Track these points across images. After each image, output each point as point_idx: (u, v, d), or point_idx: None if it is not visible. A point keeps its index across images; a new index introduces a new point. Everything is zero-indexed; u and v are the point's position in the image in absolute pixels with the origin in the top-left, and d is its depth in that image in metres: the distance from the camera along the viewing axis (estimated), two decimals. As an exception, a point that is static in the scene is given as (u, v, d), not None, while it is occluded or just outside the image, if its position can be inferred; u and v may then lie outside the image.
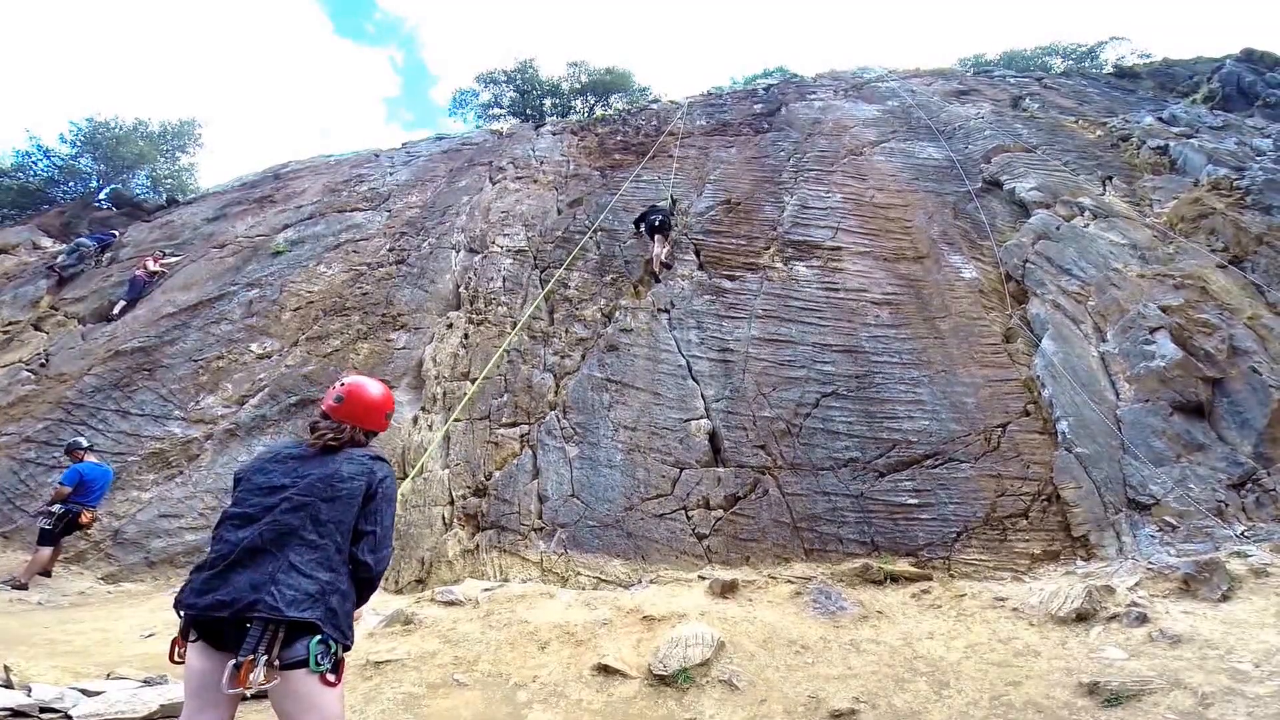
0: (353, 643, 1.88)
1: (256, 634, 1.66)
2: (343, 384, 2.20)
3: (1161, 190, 8.03)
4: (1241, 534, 4.44)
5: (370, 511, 1.96)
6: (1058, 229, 7.46)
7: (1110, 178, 8.60)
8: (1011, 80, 13.41)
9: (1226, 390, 5.30)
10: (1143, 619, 3.50)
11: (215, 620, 1.71)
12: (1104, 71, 16.15)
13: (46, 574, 5.88)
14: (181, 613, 1.80)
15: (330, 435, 2.06)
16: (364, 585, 2.01)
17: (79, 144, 18.11)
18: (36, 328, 9.73)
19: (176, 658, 1.83)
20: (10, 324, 9.81)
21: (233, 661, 1.64)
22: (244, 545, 1.79)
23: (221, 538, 1.86)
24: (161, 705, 2.93)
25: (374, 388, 2.24)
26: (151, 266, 10.24)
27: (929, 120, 10.91)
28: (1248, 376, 5.30)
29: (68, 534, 5.95)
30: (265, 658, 1.64)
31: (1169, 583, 3.91)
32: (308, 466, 1.98)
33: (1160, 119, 9.85)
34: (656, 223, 8.33)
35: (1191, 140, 8.79)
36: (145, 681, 3.27)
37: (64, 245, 12.70)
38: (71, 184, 17.75)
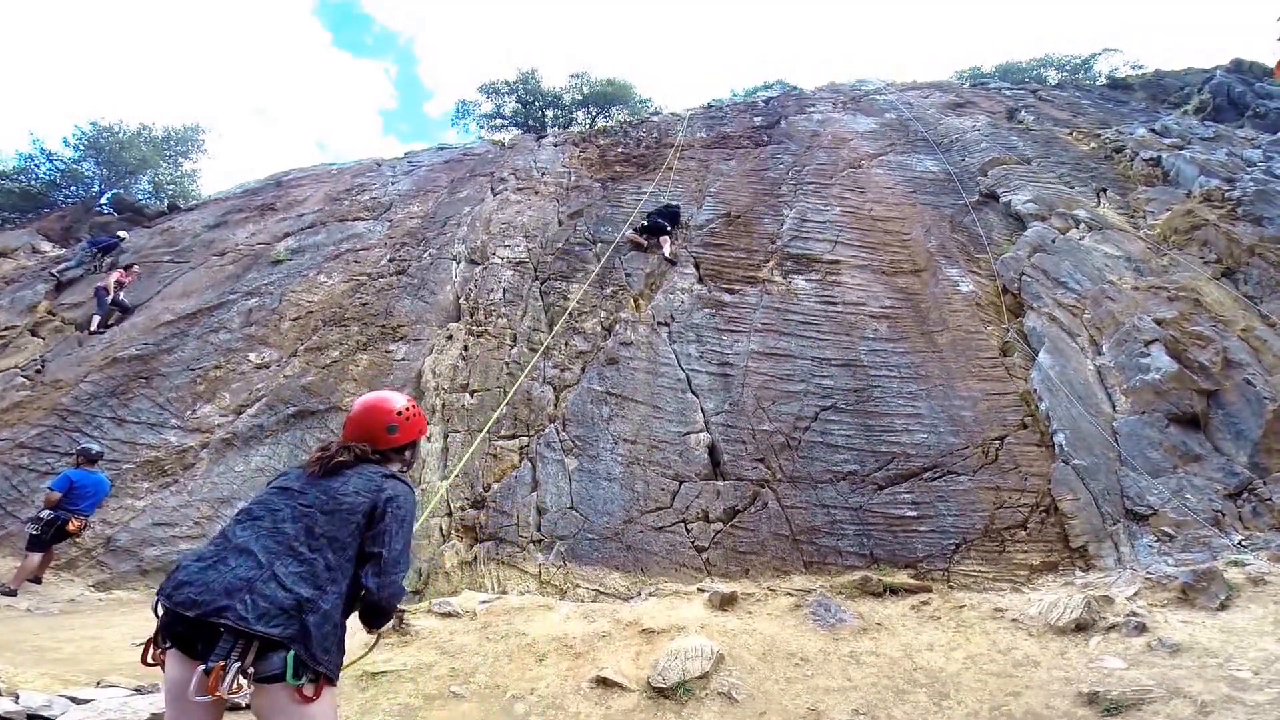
0: (329, 669, 1.70)
1: (228, 643, 1.59)
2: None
3: (1155, 202, 8.11)
4: (1239, 543, 4.45)
5: (378, 533, 1.85)
6: (1053, 241, 7.52)
7: (1104, 189, 8.69)
8: (1007, 92, 13.59)
9: (1221, 402, 5.34)
10: (1141, 628, 3.50)
11: (186, 625, 1.65)
12: (1097, 83, 16.38)
13: (37, 581, 5.83)
14: (159, 610, 1.72)
15: (339, 456, 2.01)
16: (371, 611, 1.88)
17: (82, 148, 18.13)
18: (33, 333, 9.70)
19: (150, 660, 1.76)
20: (7, 329, 9.78)
21: (202, 667, 1.58)
22: (236, 545, 1.75)
23: (223, 532, 1.83)
24: (152, 714, 2.89)
25: (365, 403, 2.20)
26: (118, 279, 9.98)
27: (926, 133, 11.03)
28: (1242, 388, 5.33)
29: (57, 541, 5.90)
30: (237, 665, 1.58)
31: (1167, 592, 3.92)
32: (319, 479, 1.95)
33: (1153, 130, 9.98)
34: (654, 225, 8.76)
35: (1183, 152, 8.89)
36: (136, 690, 3.23)
37: (63, 250, 12.68)
38: (73, 188, 17.72)
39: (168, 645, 1.70)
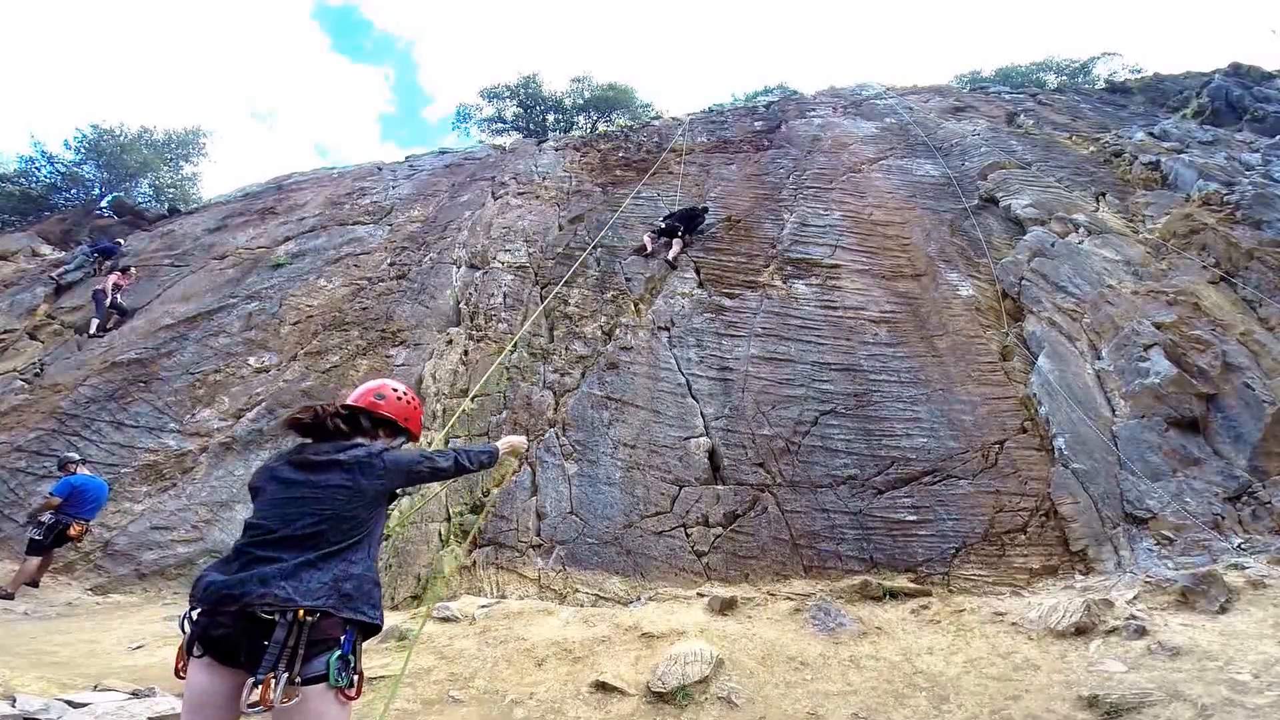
0: (377, 620, 1.82)
1: (275, 650, 1.61)
2: None
3: (1154, 206, 8.13)
4: (1238, 546, 4.44)
5: (422, 481, 2.23)
6: (1053, 246, 7.53)
7: (1104, 193, 8.71)
8: (1007, 96, 13.63)
9: (1220, 405, 5.34)
10: (1141, 632, 3.49)
11: (226, 634, 1.66)
12: (1096, 87, 16.44)
13: (34, 584, 5.83)
14: (186, 626, 1.74)
15: (299, 416, 2.03)
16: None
17: (83, 151, 18.18)
18: (32, 336, 9.71)
19: (182, 674, 1.75)
20: (6, 332, 9.79)
21: (252, 679, 1.60)
22: (257, 554, 1.76)
23: (238, 548, 1.82)
24: (149, 718, 2.89)
25: (370, 382, 2.30)
26: (115, 281, 10.00)
27: (926, 137, 11.05)
28: (1241, 391, 5.34)
29: (58, 545, 5.90)
30: (286, 675, 1.60)
31: (1167, 595, 3.91)
32: (320, 474, 1.92)
33: (1151, 134, 10.00)
34: (670, 227, 8.78)
35: (1182, 155, 8.91)
36: (133, 694, 3.22)
37: (63, 253, 12.69)
38: (74, 191, 17.78)
39: (200, 654, 1.71)
